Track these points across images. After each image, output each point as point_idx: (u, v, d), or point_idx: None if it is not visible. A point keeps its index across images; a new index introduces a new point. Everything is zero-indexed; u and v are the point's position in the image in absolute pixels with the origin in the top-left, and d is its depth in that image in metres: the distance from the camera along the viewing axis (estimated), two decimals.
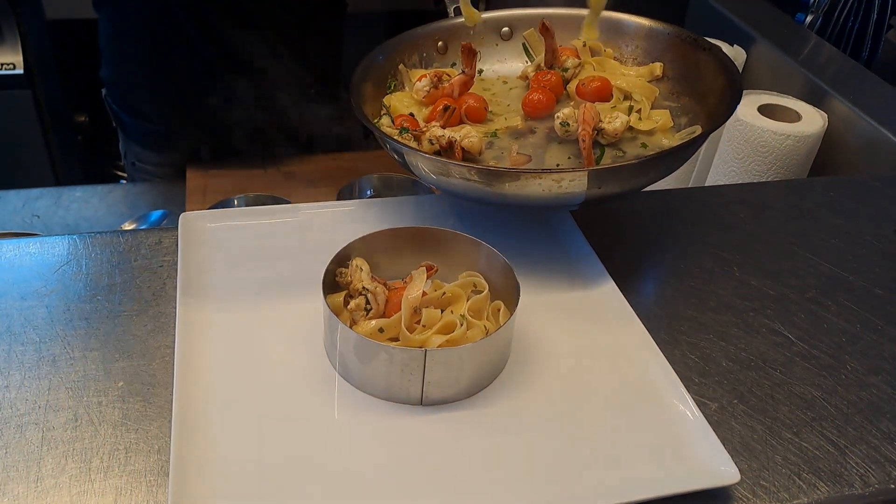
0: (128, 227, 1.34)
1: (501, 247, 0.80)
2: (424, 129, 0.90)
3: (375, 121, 0.96)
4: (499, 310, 0.77)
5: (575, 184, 0.79)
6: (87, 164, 2.45)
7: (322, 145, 1.58)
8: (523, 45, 1.09)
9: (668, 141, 0.92)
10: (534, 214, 0.96)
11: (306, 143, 1.54)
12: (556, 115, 0.92)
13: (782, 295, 0.90)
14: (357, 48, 1.22)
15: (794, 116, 1.27)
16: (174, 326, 0.79)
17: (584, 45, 1.05)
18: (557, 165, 0.90)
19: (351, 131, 1.76)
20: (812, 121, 1.25)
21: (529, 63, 1.07)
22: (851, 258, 0.96)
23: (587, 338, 0.82)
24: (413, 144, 0.89)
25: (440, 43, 1.07)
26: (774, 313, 0.88)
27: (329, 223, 0.94)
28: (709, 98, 0.96)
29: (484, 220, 0.96)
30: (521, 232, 0.94)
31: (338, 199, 1.35)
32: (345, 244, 0.80)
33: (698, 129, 0.92)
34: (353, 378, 0.75)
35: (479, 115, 0.96)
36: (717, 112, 0.91)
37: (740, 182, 1.28)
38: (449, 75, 0.99)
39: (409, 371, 0.71)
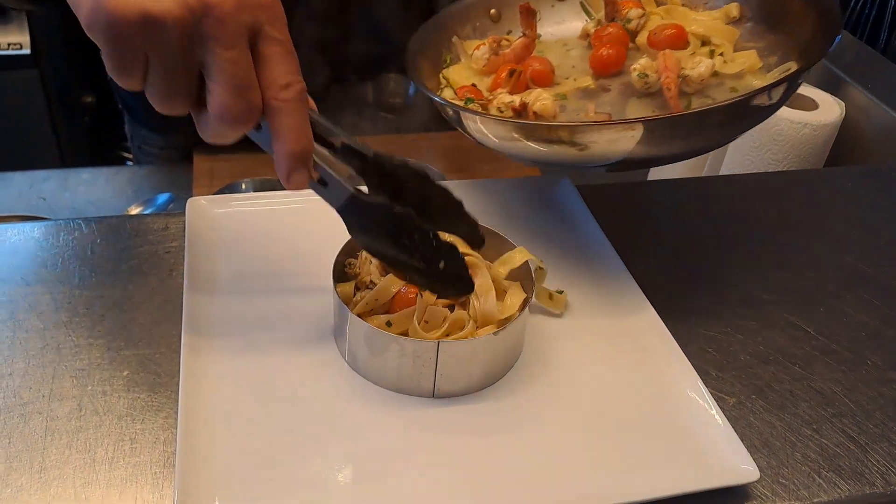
0: (134, 210, 1.32)
1: (515, 237, 0.78)
2: (491, 97, 0.86)
3: (438, 92, 0.93)
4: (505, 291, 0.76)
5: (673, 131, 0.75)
6: (93, 146, 2.43)
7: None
8: (581, 2, 1.03)
9: (760, 82, 0.84)
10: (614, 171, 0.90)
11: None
12: (632, 68, 0.85)
13: (801, 288, 0.88)
14: (370, 29, 1.20)
15: (811, 105, 1.25)
16: (181, 314, 0.77)
17: None
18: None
19: (359, 116, 1.74)
20: (829, 109, 1.23)
21: (589, 21, 1.00)
22: (872, 251, 0.94)
23: (602, 330, 0.80)
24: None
25: (493, 11, 1.01)
26: (793, 307, 0.86)
27: None
28: (799, 32, 0.87)
29: (498, 209, 0.94)
30: (535, 222, 0.93)
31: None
32: None
33: (793, 65, 0.84)
34: (362, 369, 0.73)
35: (546, 79, 0.89)
36: (813, 45, 0.84)
37: (756, 171, 1.26)
38: (508, 41, 0.94)
39: (421, 363, 0.69)
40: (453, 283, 0.70)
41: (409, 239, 0.67)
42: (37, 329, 0.78)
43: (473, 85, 0.92)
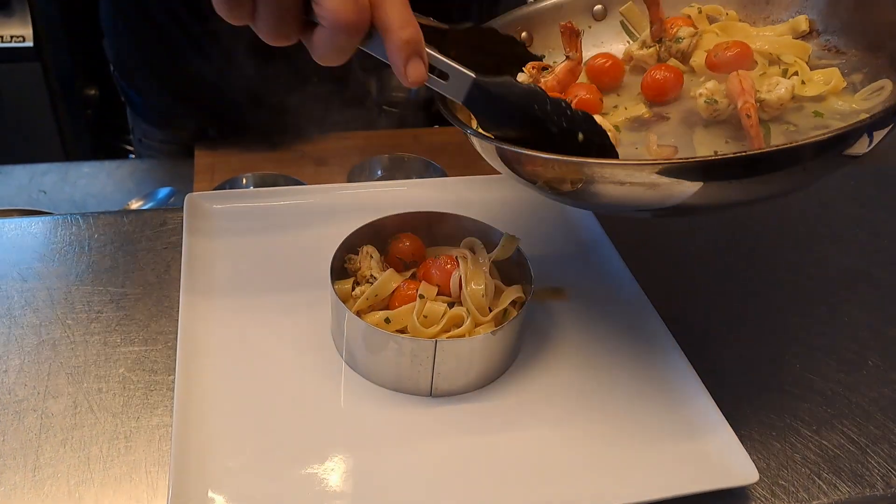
0: (134, 204, 1.31)
1: (517, 234, 0.78)
2: None
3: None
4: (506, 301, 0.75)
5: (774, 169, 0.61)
6: (95, 139, 2.42)
7: (333, 124, 1.56)
8: (621, 22, 0.89)
9: (846, 104, 0.72)
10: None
11: (316, 121, 1.51)
12: (698, 93, 0.73)
13: (802, 287, 0.88)
14: None
15: None
16: (177, 311, 0.77)
17: (700, 12, 0.83)
18: (715, 153, 0.69)
19: (361, 110, 1.73)
20: None
21: (632, 42, 0.86)
22: (873, 250, 0.94)
23: (602, 330, 0.79)
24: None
25: (524, 34, 0.87)
26: (794, 306, 0.85)
27: (338, 206, 0.92)
28: (888, 43, 0.74)
29: (497, 206, 0.93)
30: (534, 219, 0.92)
31: (348, 178, 1.33)
32: (354, 229, 0.77)
33: (888, 84, 0.71)
34: (360, 367, 0.73)
35: (594, 107, 0.76)
36: None
37: None
38: (549, 67, 0.81)
39: (418, 362, 0.69)
40: (595, 153, 0.65)
41: (543, 113, 0.64)
42: (32, 325, 0.77)
43: None
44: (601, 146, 0.65)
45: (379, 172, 1.39)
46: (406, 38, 0.61)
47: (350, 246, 0.77)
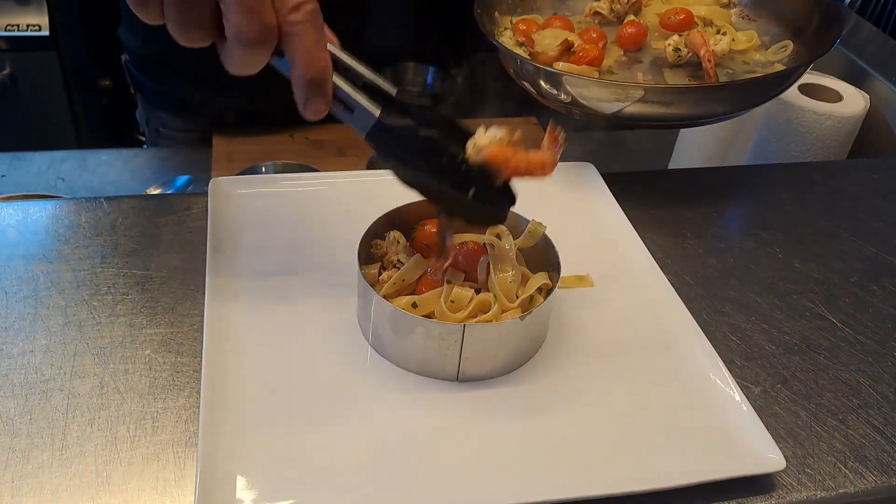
0: (153, 192, 1.32)
1: (536, 217, 0.78)
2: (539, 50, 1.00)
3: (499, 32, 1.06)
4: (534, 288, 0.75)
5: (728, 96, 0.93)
6: (111, 130, 2.43)
7: None
8: None
9: (763, 57, 1.02)
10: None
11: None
12: (666, 44, 1.01)
13: (826, 278, 0.88)
14: (389, 17, 1.19)
15: (835, 96, 1.24)
16: (203, 294, 0.77)
17: None
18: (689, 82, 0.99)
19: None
20: (853, 102, 1.22)
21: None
22: None
23: (627, 317, 0.79)
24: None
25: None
26: (818, 297, 0.85)
27: (362, 192, 0.92)
28: (787, 12, 1.06)
29: (521, 193, 0.93)
30: (557, 206, 0.92)
31: (368, 168, 1.33)
32: (378, 215, 0.77)
33: (790, 44, 1.02)
34: (386, 351, 0.73)
35: (597, 61, 1.00)
36: (808, 25, 1.01)
37: (778, 163, 1.25)
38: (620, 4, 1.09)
39: (446, 346, 0.69)
40: (485, 211, 0.68)
41: (437, 163, 0.65)
42: (58, 306, 0.78)
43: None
44: (493, 204, 0.68)
45: None
46: (310, 78, 0.61)
47: (376, 231, 0.77)
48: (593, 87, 0.91)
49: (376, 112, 0.64)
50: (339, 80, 0.63)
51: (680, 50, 1.00)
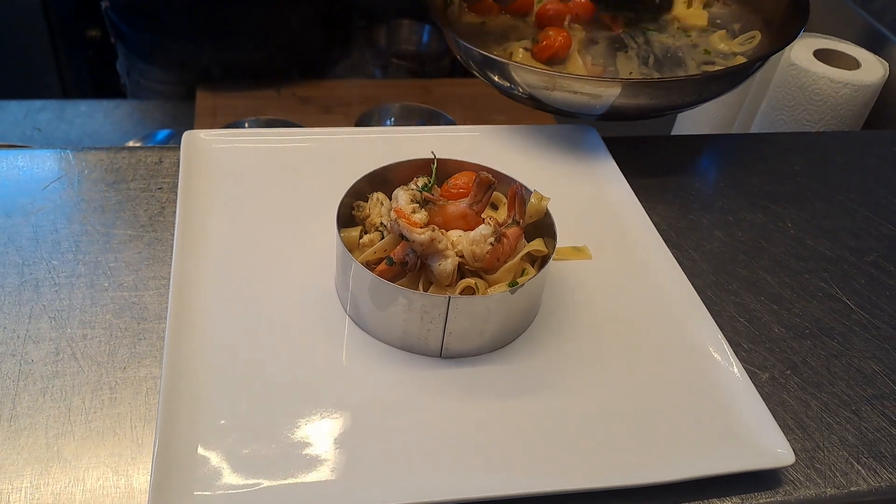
0: (132, 146, 1.26)
1: (537, 186, 0.72)
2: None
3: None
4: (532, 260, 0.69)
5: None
6: (96, 81, 2.36)
7: (340, 70, 1.50)
8: None
9: (727, 46, 0.98)
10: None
11: (322, 66, 1.45)
12: None
13: (841, 257, 0.82)
14: None
15: (853, 63, 1.18)
16: (171, 255, 0.72)
17: None
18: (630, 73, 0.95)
19: (374, 60, 1.68)
20: (872, 69, 1.16)
21: None
22: None
23: (626, 293, 0.74)
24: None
25: None
26: (832, 276, 0.80)
27: (346, 151, 0.86)
28: (762, 4, 1.00)
29: (519, 156, 0.88)
30: (554, 172, 0.86)
31: (356, 126, 1.27)
32: (362, 174, 0.72)
33: (758, 35, 0.97)
34: (365, 323, 0.67)
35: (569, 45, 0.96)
36: (780, 17, 0.95)
37: (789, 132, 1.19)
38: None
39: (429, 319, 0.63)
40: None
41: None
42: (14, 264, 0.72)
43: None
44: None
45: (388, 122, 1.33)
46: None
47: (359, 192, 0.72)
48: (523, 73, 0.85)
49: None
50: None
51: None
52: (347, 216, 0.71)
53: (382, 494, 0.56)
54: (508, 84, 0.88)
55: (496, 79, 0.89)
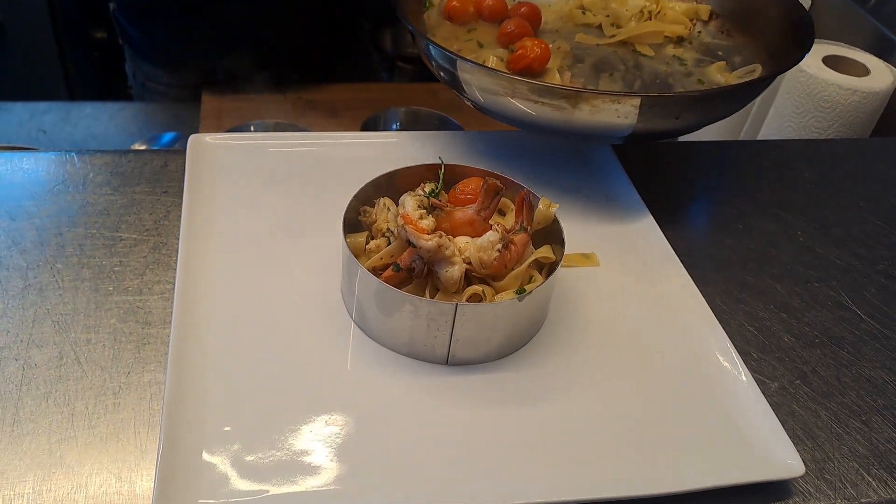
0: (137, 148, 1.26)
1: (545, 193, 0.72)
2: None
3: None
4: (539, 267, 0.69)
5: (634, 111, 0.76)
6: (102, 82, 2.37)
7: (345, 74, 1.50)
8: None
9: (723, 77, 0.89)
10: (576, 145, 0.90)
11: (328, 70, 1.45)
12: None
13: (850, 266, 0.82)
14: None
15: (862, 70, 1.17)
16: (175, 260, 0.71)
17: None
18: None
19: (379, 64, 1.67)
20: (881, 76, 1.15)
21: None
22: None
23: (635, 302, 0.73)
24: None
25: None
26: (841, 285, 0.79)
27: (352, 156, 0.86)
28: (768, 35, 0.92)
29: (527, 163, 0.87)
30: (560, 177, 0.86)
31: (361, 131, 1.27)
32: (368, 179, 0.71)
33: (758, 68, 0.89)
34: (371, 329, 0.67)
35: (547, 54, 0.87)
36: (782, 51, 0.87)
37: (797, 139, 1.18)
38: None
39: (436, 326, 0.63)
40: None
41: None
42: (19, 267, 0.72)
43: None
44: None
45: (394, 126, 1.33)
46: None
47: (365, 197, 0.71)
48: (482, 76, 0.79)
49: None
50: None
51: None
52: (354, 221, 0.71)
53: (388, 502, 0.56)
54: (467, 91, 0.82)
55: (457, 80, 0.83)
